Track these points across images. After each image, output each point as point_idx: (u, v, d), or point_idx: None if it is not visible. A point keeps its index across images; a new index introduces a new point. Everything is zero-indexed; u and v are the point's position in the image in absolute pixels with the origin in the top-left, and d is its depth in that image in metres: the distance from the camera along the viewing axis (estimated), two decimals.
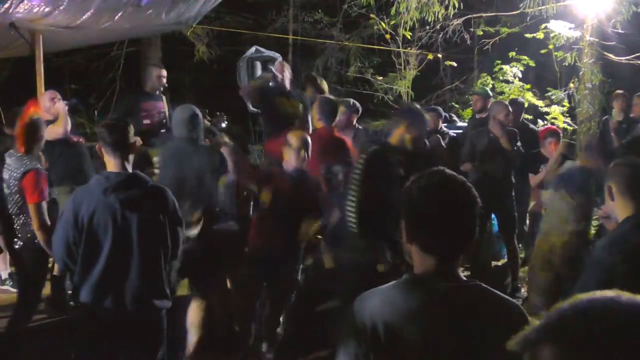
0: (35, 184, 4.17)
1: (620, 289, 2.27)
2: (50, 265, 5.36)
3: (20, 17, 5.43)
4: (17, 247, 4.36)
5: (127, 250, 3.23)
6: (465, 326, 1.66)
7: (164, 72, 6.63)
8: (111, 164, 3.30)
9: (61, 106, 5.42)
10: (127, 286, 3.25)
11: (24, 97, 6.12)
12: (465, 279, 1.74)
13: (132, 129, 3.39)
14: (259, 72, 8.40)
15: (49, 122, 5.19)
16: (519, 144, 5.96)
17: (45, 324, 5.02)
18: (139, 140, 4.36)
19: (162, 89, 6.59)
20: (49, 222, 4.15)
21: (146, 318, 3.33)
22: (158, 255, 3.32)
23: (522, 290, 5.96)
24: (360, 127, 6.33)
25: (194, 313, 4.35)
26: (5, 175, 4.31)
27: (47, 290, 5.33)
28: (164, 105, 6.53)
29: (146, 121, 6.28)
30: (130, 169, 3.35)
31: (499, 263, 6.71)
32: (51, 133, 5.04)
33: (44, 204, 4.19)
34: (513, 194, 6.07)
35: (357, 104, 6.29)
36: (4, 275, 5.80)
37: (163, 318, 3.39)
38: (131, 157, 3.37)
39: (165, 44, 11.77)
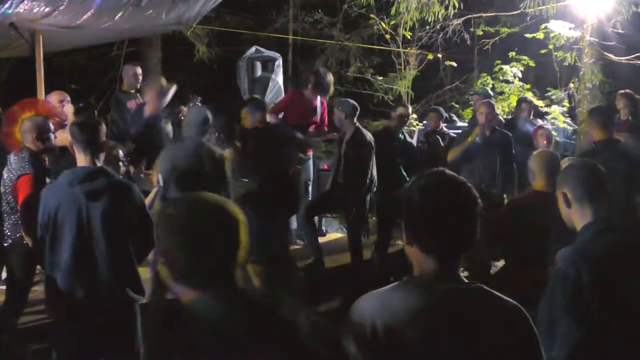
0: (29, 188, 4.12)
1: (588, 300, 2.22)
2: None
3: (20, 17, 5.42)
4: (6, 245, 4.36)
5: (92, 241, 3.30)
6: (466, 328, 1.65)
7: (139, 70, 6.70)
8: (81, 160, 3.43)
9: (70, 110, 5.21)
10: (96, 276, 3.31)
11: (24, 97, 6.09)
12: (466, 280, 1.74)
13: (103, 128, 3.52)
14: (259, 72, 8.40)
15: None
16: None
17: (46, 323, 5.00)
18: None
19: (138, 86, 6.59)
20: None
21: (120, 311, 3.35)
22: (126, 247, 3.38)
23: None
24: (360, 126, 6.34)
25: None
26: (4, 175, 4.32)
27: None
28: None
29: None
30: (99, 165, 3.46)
31: (499, 263, 6.70)
32: (61, 140, 4.91)
33: (33, 208, 4.16)
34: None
35: (353, 103, 6.31)
36: (4, 275, 5.78)
37: (137, 312, 3.39)
38: (102, 156, 3.49)
39: (165, 44, 11.76)
